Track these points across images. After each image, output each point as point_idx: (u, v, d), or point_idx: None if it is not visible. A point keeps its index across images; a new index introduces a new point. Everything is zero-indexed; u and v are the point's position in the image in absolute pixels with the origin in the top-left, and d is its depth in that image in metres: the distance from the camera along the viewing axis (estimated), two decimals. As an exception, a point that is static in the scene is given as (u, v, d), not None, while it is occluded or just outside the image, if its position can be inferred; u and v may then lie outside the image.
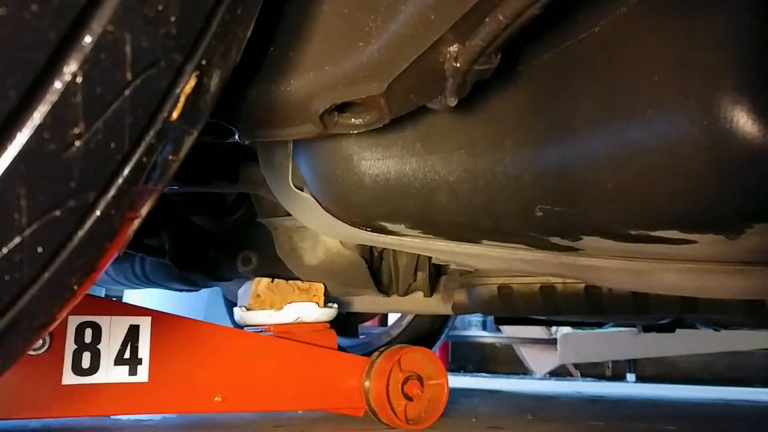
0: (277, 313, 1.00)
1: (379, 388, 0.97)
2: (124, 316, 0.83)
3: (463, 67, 0.49)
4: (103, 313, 0.81)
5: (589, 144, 0.57)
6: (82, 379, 0.79)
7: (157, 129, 0.36)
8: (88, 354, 0.79)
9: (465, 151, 0.65)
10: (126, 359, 0.82)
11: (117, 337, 0.81)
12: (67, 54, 0.31)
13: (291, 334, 0.99)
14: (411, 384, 0.98)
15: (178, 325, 0.87)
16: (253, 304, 1.02)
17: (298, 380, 0.95)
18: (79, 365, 0.78)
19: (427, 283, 1.20)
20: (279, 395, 0.94)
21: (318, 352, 0.98)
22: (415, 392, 0.98)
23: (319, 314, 1.03)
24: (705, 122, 0.50)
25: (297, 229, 1.09)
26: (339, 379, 0.99)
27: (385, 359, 0.99)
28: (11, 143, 0.32)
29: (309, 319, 1.01)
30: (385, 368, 0.98)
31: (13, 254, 0.33)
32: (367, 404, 0.99)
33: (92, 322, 0.80)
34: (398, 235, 0.78)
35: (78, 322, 0.80)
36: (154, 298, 2.54)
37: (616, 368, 3.81)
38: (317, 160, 0.71)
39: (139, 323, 0.83)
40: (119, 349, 0.81)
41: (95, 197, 0.35)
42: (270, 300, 1.02)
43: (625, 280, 0.81)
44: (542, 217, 0.64)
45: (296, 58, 0.51)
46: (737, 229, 0.58)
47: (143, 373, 0.83)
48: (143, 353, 0.83)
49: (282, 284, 1.03)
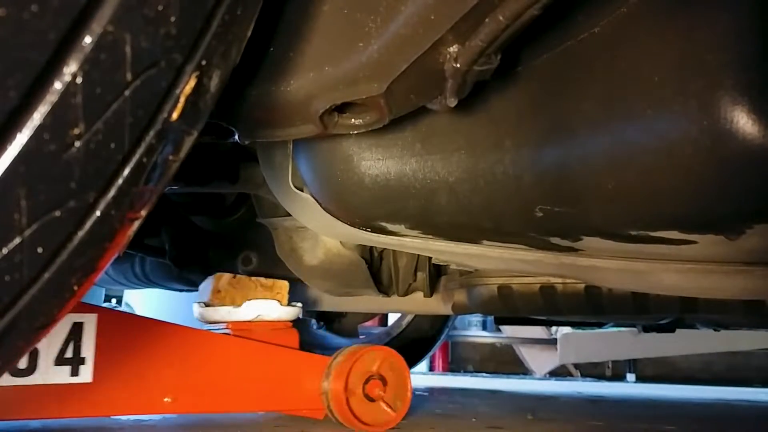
0: (237, 309, 0.95)
1: (338, 389, 0.93)
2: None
3: (463, 67, 0.49)
4: None
5: (589, 144, 0.57)
6: (17, 380, 0.74)
7: (157, 129, 0.36)
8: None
9: (465, 151, 0.65)
10: (67, 359, 0.77)
11: (58, 336, 0.77)
12: (67, 54, 0.31)
13: (250, 332, 0.95)
14: (372, 384, 0.95)
15: (126, 322, 0.84)
16: (212, 299, 0.98)
17: (255, 380, 0.91)
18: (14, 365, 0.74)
19: (427, 284, 1.20)
20: (234, 396, 0.90)
21: (276, 352, 0.94)
22: (377, 393, 0.95)
23: (281, 313, 0.99)
24: (705, 123, 0.50)
25: (297, 230, 1.09)
26: (299, 379, 0.95)
27: (345, 359, 0.95)
28: (11, 144, 0.32)
29: (270, 318, 0.97)
30: (345, 368, 0.94)
31: (13, 255, 0.33)
32: (326, 406, 0.95)
33: None
34: (398, 236, 0.78)
35: None
36: (154, 298, 2.54)
37: (616, 368, 3.81)
38: (317, 161, 0.71)
39: (83, 320, 0.79)
40: (60, 348, 0.77)
41: (95, 198, 0.35)
42: (231, 296, 0.98)
43: (625, 280, 0.81)
44: (542, 217, 0.64)
45: (296, 59, 0.51)
46: (737, 230, 0.58)
47: (86, 374, 0.78)
48: (87, 352, 0.78)
49: (244, 280, 1.00)
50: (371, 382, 0.95)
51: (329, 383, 0.94)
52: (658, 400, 1.99)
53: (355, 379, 0.94)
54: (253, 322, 0.96)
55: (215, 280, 0.98)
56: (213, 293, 0.97)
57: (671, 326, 1.43)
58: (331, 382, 0.94)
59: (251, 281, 1.00)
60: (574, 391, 2.35)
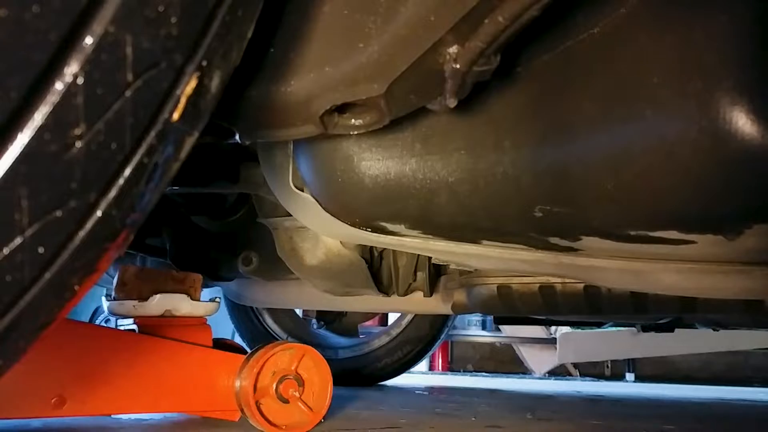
0: (142, 304, 0.89)
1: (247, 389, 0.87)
2: None
3: (462, 68, 0.49)
4: None
5: (589, 145, 0.58)
6: None
7: (158, 130, 0.36)
8: None
9: (465, 151, 0.65)
10: None
11: None
12: (68, 55, 0.31)
13: (159, 328, 0.89)
14: (287, 384, 0.89)
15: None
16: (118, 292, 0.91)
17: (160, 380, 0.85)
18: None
19: (427, 283, 1.20)
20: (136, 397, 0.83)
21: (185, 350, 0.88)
22: (291, 393, 0.89)
23: (192, 308, 0.93)
24: (704, 123, 0.50)
25: (297, 230, 1.09)
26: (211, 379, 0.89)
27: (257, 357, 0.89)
28: (12, 144, 0.32)
29: (179, 313, 0.91)
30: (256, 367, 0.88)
31: (14, 255, 0.33)
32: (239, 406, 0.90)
33: None
34: (398, 236, 0.79)
35: None
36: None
37: (615, 368, 3.82)
38: (317, 161, 0.71)
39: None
40: None
41: (96, 198, 0.35)
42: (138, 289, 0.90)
43: (625, 280, 0.81)
44: (542, 217, 0.64)
45: (296, 59, 0.51)
46: (736, 230, 0.58)
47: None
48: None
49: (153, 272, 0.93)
50: (285, 381, 0.90)
51: (241, 382, 0.88)
52: (657, 400, 1.99)
53: (267, 379, 0.89)
54: (163, 318, 0.90)
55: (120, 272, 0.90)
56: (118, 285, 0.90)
57: (670, 326, 1.43)
58: (242, 381, 0.88)
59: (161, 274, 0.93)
60: (573, 390, 2.35)
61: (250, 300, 1.59)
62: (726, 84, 0.50)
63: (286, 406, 0.89)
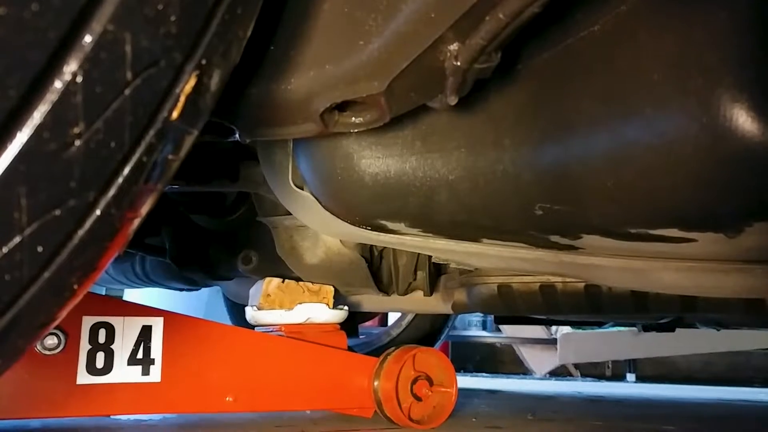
0: (288, 313, 1.01)
1: (389, 387, 0.98)
2: (136, 317, 0.83)
3: (463, 65, 0.49)
4: (117, 313, 0.82)
5: (589, 142, 0.57)
6: (96, 378, 0.80)
7: (157, 128, 0.36)
8: (102, 354, 0.80)
9: (465, 149, 0.65)
10: (139, 359, 0.83)
11: (130, 338, 0.83)
12: (67, 53, 0.31)
13: (301, 334, 1.00)
14: (420, 384, 0.99)
15: (190, 325, 0.88)
16: (263, 303, 1.03)
17: (308, 380, 0.96)
18: (93, 365, 0.79)
19: (427, 283, 1.20)
20: (289, 395, 0.94)
21: (328, 353, 0.99)
22: (423, 392, 0.99)
23: (330, 315, 1.04)
24: (704, 120, 0.50)
25: (297, 228, 1.09)
26: (349, 379, 1.00)
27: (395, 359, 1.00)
28: (11, 142, 0.32)
29: (319, 320, 1.03)
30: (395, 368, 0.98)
31: (13, 253, 0.33)
32: (376, 404, 0.99)
33: (106, 323, 0.81)
34: (398, 234, 0.78)
35: (92, 322, 0.81)
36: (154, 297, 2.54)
37: (616, 368, 3.81)
38: (317, 159, 0.71)
39: (151, 324, 0.84)
40: (132, 349, 0.82)
41: (95, 197, 0.35)
42: (280, 300, 1.03)
43: (625, 278, 0.81)
44: (542, 215, 0.64)
45: (297, 57, 0.51)
46: (736, 228, 0.58)
47: (156, 374, 0.83)
48: (156, 353, 0.84)
49: (292, 285, 1.04)
50: (419, 381, 0.99)
51: (379, 382, 0.98)
52: (657, 400, 1.99)
53: (404, 379, 0.98)
54: (304, 325, 1.01)
55: (265, 285, 1.03)
56: (263, 297, 1.02)
57: (671, 326, 1.43)
58: (382, 382, 0.98)
59: (298, 285, 1.05)
60: (574, 391, 2.35)
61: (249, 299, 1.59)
62: (726, 81, 0.49)
63: (420, 403, 0.99)
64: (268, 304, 1.02)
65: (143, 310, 0.85)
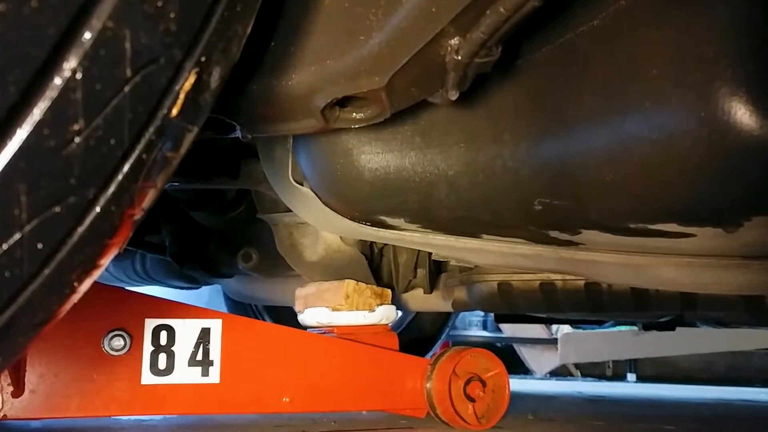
0: (371, 314, 1.03)
1: (442, 389, 0.98)
2: (196, 319, 0.85)
3: (464, 59, 0.49)
4: (177, 316, 0.84)
5: (588, 137, 0.57)
6: (159, 379, 0.82)
7: (157, 126, 0.36)
8: (164, 355, 0.82)
9: (464, 144, 0.65)
10: (198, 361, 0.84)
11: (190, 340, 0.84)
12: (66, 50, 0.31)
13: (354, 335, 1.01)
14: (473, 385, 1.00)
15: (247, 327, 0.89)
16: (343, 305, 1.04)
17: (362, 381, 0.97)
18: (156, 366, 0.82)
19: (427, 280, 1.20)
20: (344, 396, 0.95)
21: (381, 354, 1.00)
22: (477, 393, 1.00)
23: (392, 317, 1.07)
24: (703, 114, 0.50)
25: (297, 225, 1.09)
26: (401, 380, 1.01)
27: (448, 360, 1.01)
28: (11, 139, 0.32)
29: (389, 321, 1.05)
30: (447, 369, 0.99)
31: (13, 250, 0.33)
32: (429, 405, 1.00)
33: (167, 325, 0.83)
34: (398, 230, 0.78)
35: (154, 324, 0.82)
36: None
37: (616, 368, 3.81)
38: (317, 155, 0.71)
39: (210, 326, 0.86)
40: (192, 351, 0.84)
41: (95, 194, 0.35)
42: (355, 302, 1.04)
43: (625, 275, 0.81)
44: (541, 210, 0.64)
45: (298, 53, 0.51)
46: (735, 222, 0.58)
47: (215, 375, 0.85)
48: (214, 355, 0.85)
49: (362, 287, 1.06)
50: (472, 383, 1.00)
51: (432, 383, 0.99)
52: (658, 400, 1.99)
53: (457, 380, 0.99)
54: (356, 326, 1.03)
55: (345, 287, 1.04)
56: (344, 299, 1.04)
57: (671, 324, 1.43)
58: (434, 382, 0.99)
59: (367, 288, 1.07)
60: (575, 390, 2.35)
61: (250, 297, 1.59)
62: (725, 75, 0.49)
63: (473, 404, 1.00)
64: (348, 305, 1.04)
65: (202, 313, 0.86)
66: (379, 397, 0.98)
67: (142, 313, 0.82)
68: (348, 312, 1.02)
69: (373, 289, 1.05)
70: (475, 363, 1.02)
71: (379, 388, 0.98)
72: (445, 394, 0.97)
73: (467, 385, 0.99)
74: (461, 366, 1.00)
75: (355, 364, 0.96)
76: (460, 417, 0.97)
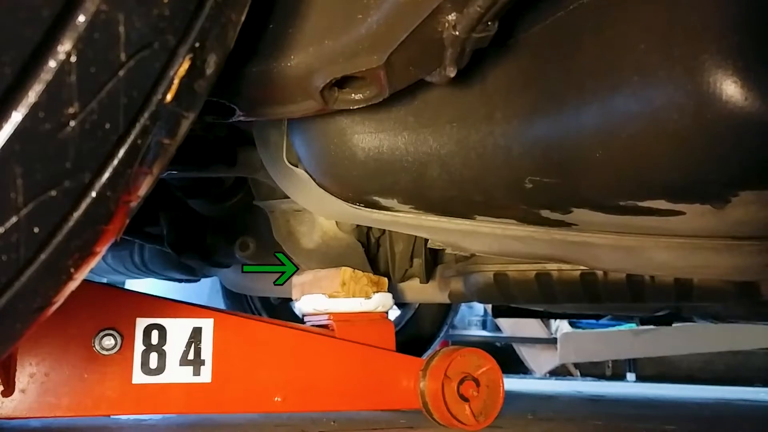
0: (367, 301, 1.03)
1: (435, 388, 0.98)
2: (187, 318, 0.85)
3: (462, 35, 0.49)
4: (168, 314, 0.84)
5: (578, 114, 0.58)
6: (150, 378, 0.81)
7: (152, 111, 0.36)
8: (155, 355, 0.82)
9: (456, 124, 0.65)
10: (190, 360, 0.84)
11: (181, 339, 0.84)
12: (61, 33, 0.32)
13: (350, 322, 1.01)
14: (467, 385, 1.00)
15: (239, 325, 0.89)
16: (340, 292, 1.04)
17: (355, 380, 0.96)
18: (147, 365, 0.81)
19: (424, 270, 1.20)
20: (337, 395, 0.95)
21: (375, 353, 0.99)
22: (470, 393, 1.00)
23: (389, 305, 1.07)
24: (689, 87, 0.50)
25: (294, 213, 1.09)
26: (395, 379, 1.00)
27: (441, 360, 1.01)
28: (7, 122, 0.32)
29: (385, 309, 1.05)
30: (441, 369, 0.99)
31: (10, 233, 0.33)
32: (422, 405, 1.00)
33: (158, 324, 0.83)
34: (391, 211, 0.78)
35: (145, 324, 0.82)
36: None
37: (616, 367, 3.81)
38: (311, 135, 0.71)
39: (201, 325, 0.85)
40: (183, 350, 0.84)
41: (90, 178, 0.35)
42: (352, 289, 1.04)
43: (617, 258, 0.81)
44: (532, 188, 0.64)
45: (296, 34, 0.51)
46: (723, 198, 0.58)
47: (206, 374, 0.84)
48: (206, 354, 0.85)
49: (359, 274, 1.06)
50: (465, 382, 0.99)
51: (426, 383, 0.99)
52: (658, 400, 1.99)
53: (450, 380, 0.99)
54: (353, 313, 1.02)
55: (342, 274, 1.04)
56: (341, 286, 1.03)
57: (668, 319, 1.42)
58: (428, 382, 0.98)
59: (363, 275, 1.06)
60: (574, 390, 2.35)
61: (247, 288, 1.59)
62: (711, 48, 0.49)
63: (466, 404, 0.99)
64: (344, 292, 1.03)
65: (194, 311, 0.86)
66: (372, 396, 0.98)
67: (134, 312, 0.81)
68: (344, 299, 1.02)
69: (370, 276, 1.05)
70: (466, 362, 1.01)
71: (372, 388, 0.97)
72: (439, 398, 0.97)
73: (460, 385, 0.99)
74: (453, 367, 0.99)
75: (347, 363, 0.95)
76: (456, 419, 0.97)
